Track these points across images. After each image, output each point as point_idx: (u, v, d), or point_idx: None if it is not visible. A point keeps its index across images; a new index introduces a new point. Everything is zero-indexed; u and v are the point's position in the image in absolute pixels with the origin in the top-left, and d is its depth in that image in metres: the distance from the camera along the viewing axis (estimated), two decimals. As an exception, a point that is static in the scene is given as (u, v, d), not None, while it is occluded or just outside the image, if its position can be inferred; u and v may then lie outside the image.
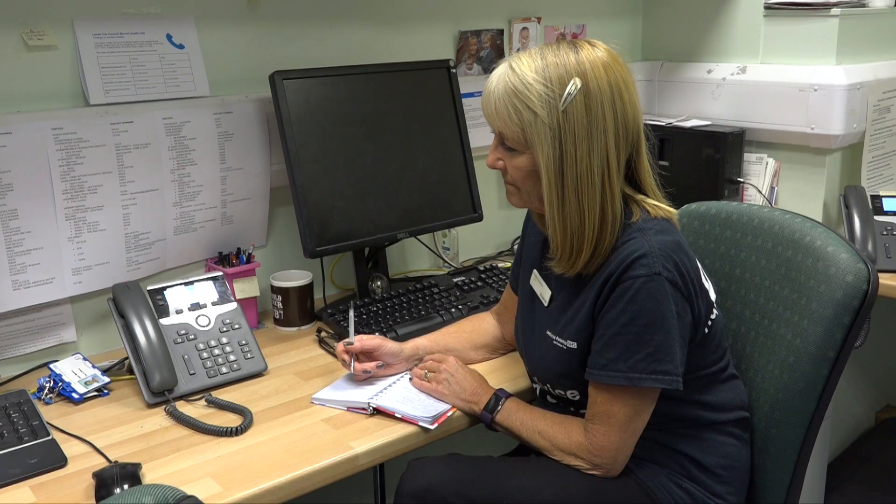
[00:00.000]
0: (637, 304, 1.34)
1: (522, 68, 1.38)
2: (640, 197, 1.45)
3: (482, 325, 1.77)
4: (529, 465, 1.47)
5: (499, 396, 1.52)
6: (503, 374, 1.69)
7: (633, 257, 1.35)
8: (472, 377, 1.58)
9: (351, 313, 1.72)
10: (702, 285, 1.45)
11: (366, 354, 1.63)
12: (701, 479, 1.48)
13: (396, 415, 1.50)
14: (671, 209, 1.46)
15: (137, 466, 1.34)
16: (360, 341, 1.62)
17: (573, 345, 1.45)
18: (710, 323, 1.47)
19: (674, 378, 1.37)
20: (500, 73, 1.41)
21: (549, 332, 1.49)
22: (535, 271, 1.58)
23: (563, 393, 1.51)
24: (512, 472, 1.47)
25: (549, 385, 1.53)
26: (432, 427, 1.48)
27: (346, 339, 1.63)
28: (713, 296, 1.49)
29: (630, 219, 1.41)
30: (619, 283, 1.36)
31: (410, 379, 1.63)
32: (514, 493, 1.42)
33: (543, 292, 1.54)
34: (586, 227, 1.37)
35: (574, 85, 1.34)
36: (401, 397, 1.56)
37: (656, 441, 1.48)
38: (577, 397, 1.49)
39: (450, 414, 1.53)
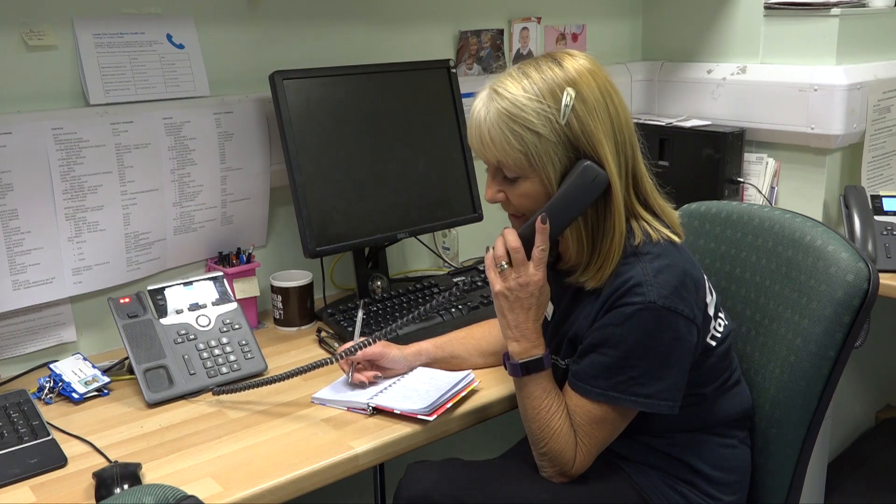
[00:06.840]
0: (625, 331, 1.32)
1: (510, 90, 1.32)
2: (647, 217, 1.40)
3: (493, 332, 1.70)
4: (525, 469, 1.47)
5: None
6: (510, 382, 1.64)
7: (627, 285, 1.33)
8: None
9: (360, 314, 1.71)
10: (704, 303, 1.41)
11: (368, 361, 1.62)
12: (696, 482, 1.47)
13: (395, 411, 1.50)
14: (675, 234, 1.41)
15: (137, 466, 1.34)
16: (363, 352, 1.56)
17: (567, 362, 1.45)
18: (716, 336, 1.45)
19: (658, 402, 1.35)
20: (484, 100, 1.34)
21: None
22: None
23: None
24: (507, 477, 1.46)
25: None
26: (431, 418, 1.48)
27: (350, 344, 1.57)
28: (712, 310, 1.45)
29: (633, 240, 1.37)
30: (612, 309, 1.34)
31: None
32: (510, 497, 1.42)
33: (548, 308, 1.50)
34: (605, 237, 1.35)
35: (568, 95, 1.29)
36: (400, 395, 1.55)
37: (652, 447, 1.47)
38: None
39: (448, 406, 1.52)
